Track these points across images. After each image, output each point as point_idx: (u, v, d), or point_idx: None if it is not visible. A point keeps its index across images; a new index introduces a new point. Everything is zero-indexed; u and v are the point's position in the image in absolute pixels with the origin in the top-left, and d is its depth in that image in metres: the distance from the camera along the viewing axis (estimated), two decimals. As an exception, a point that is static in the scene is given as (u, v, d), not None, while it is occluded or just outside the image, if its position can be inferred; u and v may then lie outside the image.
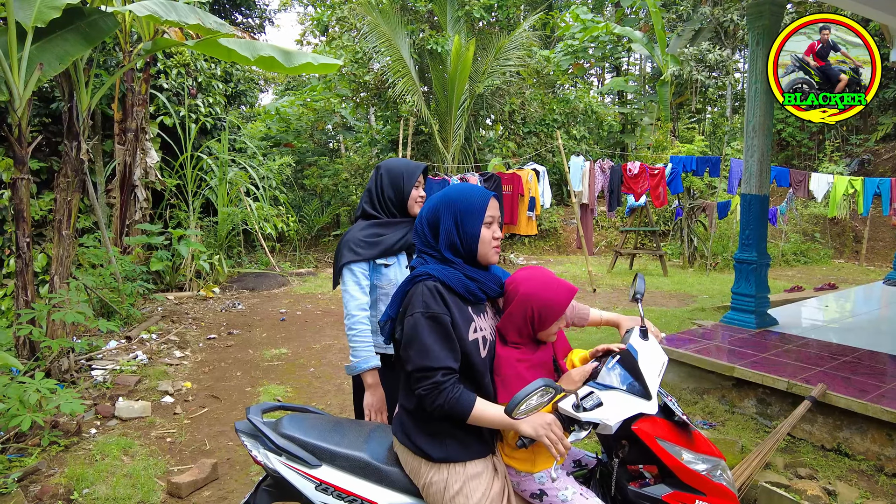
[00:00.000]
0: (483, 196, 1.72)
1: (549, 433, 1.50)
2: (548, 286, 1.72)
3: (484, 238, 1.71)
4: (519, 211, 9.38)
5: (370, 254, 2.25)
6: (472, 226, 1.68)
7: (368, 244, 2.26)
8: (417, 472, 1.66)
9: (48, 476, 3.15)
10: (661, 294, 8.95)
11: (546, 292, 1.71)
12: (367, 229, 2.31)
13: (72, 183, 4.82)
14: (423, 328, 1.57)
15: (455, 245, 1.69)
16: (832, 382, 3.57)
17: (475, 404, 1.56)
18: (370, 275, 2.29)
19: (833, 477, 3.12)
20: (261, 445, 1.81)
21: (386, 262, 2.29)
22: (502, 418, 1.54)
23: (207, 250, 9.03)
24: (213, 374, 5.06)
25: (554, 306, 1.70)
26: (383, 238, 2.29)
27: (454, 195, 1.72)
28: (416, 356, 1.57)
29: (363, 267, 2.27)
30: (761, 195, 5.09)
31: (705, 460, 1.70)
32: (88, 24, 4.66)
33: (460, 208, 1.69)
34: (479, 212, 1.69)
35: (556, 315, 1.70)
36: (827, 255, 13.74)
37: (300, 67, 5.39)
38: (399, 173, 2.35)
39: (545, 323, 1.70)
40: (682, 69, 15.73)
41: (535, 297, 1.70)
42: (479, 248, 1.71)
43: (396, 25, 11.61)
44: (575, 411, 1.56)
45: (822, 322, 5.72)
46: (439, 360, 1.56)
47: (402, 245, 2.32)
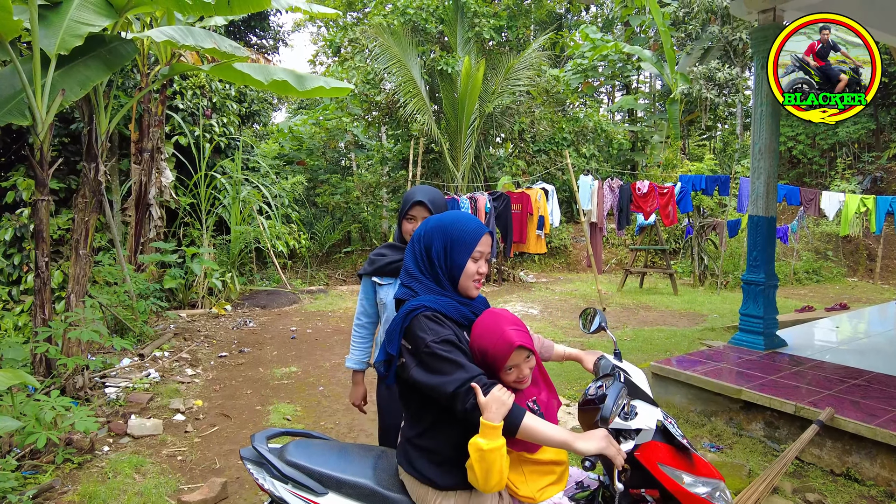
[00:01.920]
0: (477, 229, 1.73)
1: (610, 447, 1.52)
2: (490, 334, 1.67)
3: (468, 271, 1.71)
4: (528, 229, 9.43)
5: (367, 270, 2.48)
6: (460, 256, 1.70)
7: (370, 262, 2.49)
8: (424, 500, 1.68)
9: (62, 493, 3.21)
10: (670, 313, 8.92)
11: (487, 339, 1.67)
12: (381, 249, 2.53)
13: (90, 203, 4.95)
14: (443, 351, 1.58)
15: (441, 270, 1.71)
16: (841, 406, 3.55)
17: (526, 414, 1.55)
18: (375, 291, 2.50)
19: (842, 503, 3.09)
20: (266, 473, 1.82)
21: (380, 280, 2.45)
22: (559, 435, 1.54)
23: (220, 268, 9.15)
24: (223, 392, 5.12)
25: (489, 354, 1.66)
26: (381, 258, 2.46)
27: (449, 222, 1.74)
28: (452, 375, 1.55)
29: (366, 282, 2.52)
30: (768, 217, 5.10)
31: (705, 483, 1.73)
32: (109, 50, 4.83)
33: (453, 236, 1.71)
34: (470, 244, 1.70)
35: (496, 363, 1.65)
36: (840, 273, 13.62)
37: (312, 91, 5.52)
38: (403, 202, 2.42)
39: (491, 368, 1.67)
40: (691, 87, 15.80)
41: (479, 344, 1.68)
42: (461, 280, 1.72)
43: (407, 46, 11.82)
44: (624, 420, 1.62)
45: (833, 343, 5.68)
46: (475, 369, 1.57)
47: (395, 268, 2.39)
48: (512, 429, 1.54)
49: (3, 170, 8.31)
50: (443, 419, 1.66)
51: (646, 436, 1.73)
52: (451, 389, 1.55)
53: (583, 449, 1.52)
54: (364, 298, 2.54)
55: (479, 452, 1.51)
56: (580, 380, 5.20)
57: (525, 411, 1.56)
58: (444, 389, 1.56)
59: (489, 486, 1.54)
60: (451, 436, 1.66)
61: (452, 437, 1.66)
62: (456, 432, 1.65)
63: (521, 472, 1.71)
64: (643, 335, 7.16)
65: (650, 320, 8.34)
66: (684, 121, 17.78)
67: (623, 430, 1.68)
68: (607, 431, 1.58)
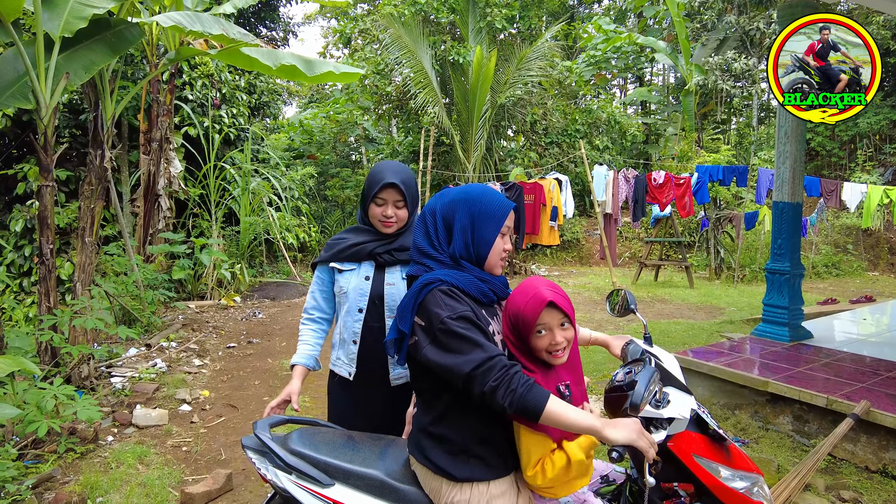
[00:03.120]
0: (505, 203, 1.62)
1: (642, 438, 1.38)
2: (523, 293, 1.58)
3: (496, 247, 1.60)
4: (541, 221, 9.26)
5: (325, 257, 2.11)
6: (489, 230, 1.58)
7: (328, 247, 2.12)
8: (438, 493, 1.55)
9: (63, 483, 3.11)
10: (687, 306, 8.72)
11: (519, 298, 1.57)
12: (340, 234, 2.17)
13: (95, 190, 4.87)
14: (461, 329, 1.45)
15: (466, 246, 1.58)
16: (876, 399, 3.37)
17: (550, 397, 1.39)
18: (333, 280, 2.14)
19: (880, 501, 2.92)
20: (269, 463, 1.70)
21: (340, 266, 2.08)
22: (587, 421, 1.39)
23: (229, 259, 9.08)
24: (231, 382, 5.03)
25: (521, 314, 1.55)
26: (340, 242, 2.10)
27: (476, 194, 1.61)
28: (470, 355, 1.42)
29: (321, 271, 2.15)
30: (794, 203, 4.91)
31: (744, 477, 1.60)
32: (114, 34, 4.73)
33: (480, 209, 1.58)
34: (500, 218, 1.58)
35: (525, 324, 1.53)
36: (861, 267, 13.30)
37: (322, 76, 5.39)
38: (368, 179, 2.07)
39: (522, 332, 1.56)
40: (706, 79, 15.50)
41: (511, 305, 1.58)
42: (490, 256, 1.60)
43: (418, 37, 11.67)
44: (656, 409, 1.49)
45: (862, 335, 5.47)
46: (494, 349, 1.44)
47: (356, 252, 2.06)
48: (535, 413, 1.38)
49: (14, 161, 8.29)
50: (458, 404, 1.52)
51: (678, 426, 1.59)
52: (468, 370, 1.41)
53: (612, 437, 1.37)
54: (318, 290, 2.17)
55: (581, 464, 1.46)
56: (605, 368, 5.04)
57: (549, 394, 1.40)
58: (461, 370, 1.41)
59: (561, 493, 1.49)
60: (467, 423, 1.53)
61: (469, 424, 1.52)
62: (473, 419, 1.52)
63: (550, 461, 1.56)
64: (660, 328, 6.98)
65: (666, 313, 8.15)
66: (699, 113, 17.48)
67: (654, 419, 1.53)
68: (639, 420, 1.44)
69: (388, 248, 2.05)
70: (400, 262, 2.06)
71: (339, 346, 2.12)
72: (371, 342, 2.04)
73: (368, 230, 2.10)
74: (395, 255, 2.05)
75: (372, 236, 2.07)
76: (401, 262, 2.06)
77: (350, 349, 2.07)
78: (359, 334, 2.04)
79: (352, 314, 2.05)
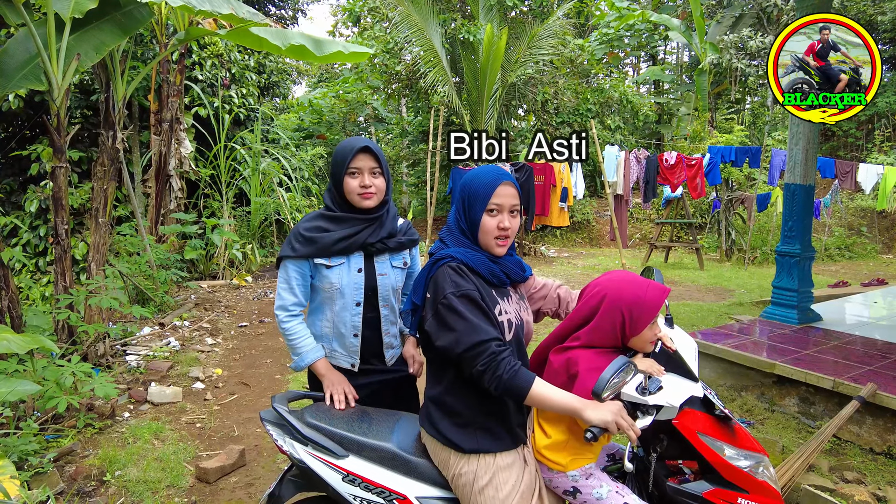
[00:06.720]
0: (491, 181, 1.60)
1: (619, 420, 1.42)
2: (637, 284, 1.61)
3: (484, 226, 1.60)
4: (551, 202, 9.24)
5: (305, 251, 1.93)
6: (475, 211, 1.61)
7: (305, 240, 1.94)
8: (446, 464, 1.61)
9: (83, 457, 3.21)
10: (697, 288, 8.70)
11: (636, 289, 1.59)
12: (312, 221, 1.99)
13: (108, 171, 4.92)
14: (460, 307, 1.51)
15: (467, 226, 1.64)
16: (882, 382, 3.37)
17: (535, 381, 1.47)
18: (312, 274, 1.99)
19: (883, 482, 2.94)
20: (286, 435, 1.77)
21: (327, 262, 1.95)
22: (568, 402, 1.47)
23: (240, 240, 9.16)
24: (243, 361, 5.11)
25: (645, 304, 1.57)
26: (324, 235, 1.94)
27: (470, 176, 1.68)
28: (463, 335, 1.48)
29: (299, 265, 1.96)
30: (806, 185, 4.86)
31: (748, 456, 1.64)
32: (124, 14, 4.73)
33: (470, 190, 1.63)
34: (483, 198, 1.60)
35: (648, 315, 1.57)
36: (874, 250, 13.15)
37: (331, 56, 5.36)
38: (336, 155, 1.96)
39: (637, 325, 1.58)
40: (721, 57, 15.20)
41: (625, 298, 1.58)
42: (479, 236, 1.62)
43: (428, 15, 11.52)
44: (641, 395, 1.51)
45: (870, 319, 5.45)
46: (488, 332, 1.49)
47: (348, 245, 1.95)
48: (520, 396, 1.48)
49: (28, 142, 8.37)
50: (461, 378, 1.58)
51: (668, 412, 1.62)
52: (459, 352, 1.49)
53: (587, 418, 1.44)
54: (299, 286, 1.97)
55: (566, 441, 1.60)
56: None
57: (534, 377, 1.49)
58: (453, 350, 1.50)
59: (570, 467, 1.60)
60: (472, 396, 1.59)
61: (474, 397, 1.59)
62: (477, 392, 1.57)
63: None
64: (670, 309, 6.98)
65: (676, 295, 8.14)
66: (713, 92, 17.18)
67: (640, 405, 1.55)
68: (622, 404, 1.49)
69: (379, 237, 1.99)
70: (388, 250, 2.03)
71: (333, 339, 2.03)
72: (369, 333, 2.03)
73: (345, 216, 1.97)
74: (386, 242, 2.01)
75: (356, 223, 1.97)
76: (389, 249, 2.03)
77: (351, 342, 2.02)
78: (359, 327, 2.01)
79: (349, 309, 1.99)
